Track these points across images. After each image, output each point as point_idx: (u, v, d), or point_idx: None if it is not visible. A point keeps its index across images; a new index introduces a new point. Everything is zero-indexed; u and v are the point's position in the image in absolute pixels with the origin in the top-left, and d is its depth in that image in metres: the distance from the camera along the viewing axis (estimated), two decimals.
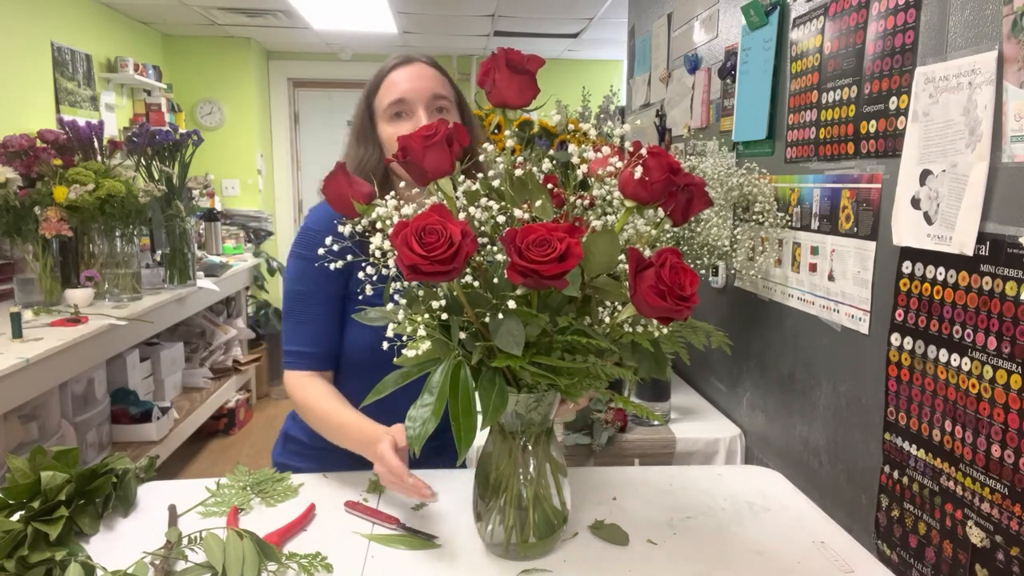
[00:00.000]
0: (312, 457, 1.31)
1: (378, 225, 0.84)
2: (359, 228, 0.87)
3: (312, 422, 1.23)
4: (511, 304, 0.77)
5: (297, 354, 1.25)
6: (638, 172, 0.80)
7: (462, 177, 0.87)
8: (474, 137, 1.25)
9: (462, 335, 0.82)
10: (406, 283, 0.86)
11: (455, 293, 0.82)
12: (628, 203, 0.83)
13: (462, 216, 0.82)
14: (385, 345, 0.85)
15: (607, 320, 0.84)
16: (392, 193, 0.88)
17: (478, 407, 0.80)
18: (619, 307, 0.84)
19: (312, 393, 1.22)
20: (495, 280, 0.81)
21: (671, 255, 0.77)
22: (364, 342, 1.24)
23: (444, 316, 0.82)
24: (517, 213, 0.81)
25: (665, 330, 0.83)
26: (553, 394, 0.92)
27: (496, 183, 0.88)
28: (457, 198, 0.87)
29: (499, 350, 0.78)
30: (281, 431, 1.41)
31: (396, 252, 0.75)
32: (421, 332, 0.81)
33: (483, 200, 0.84)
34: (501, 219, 0.85)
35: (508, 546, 0.96)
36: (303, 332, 1.25)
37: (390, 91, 1.24)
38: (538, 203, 0.83)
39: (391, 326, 0.84)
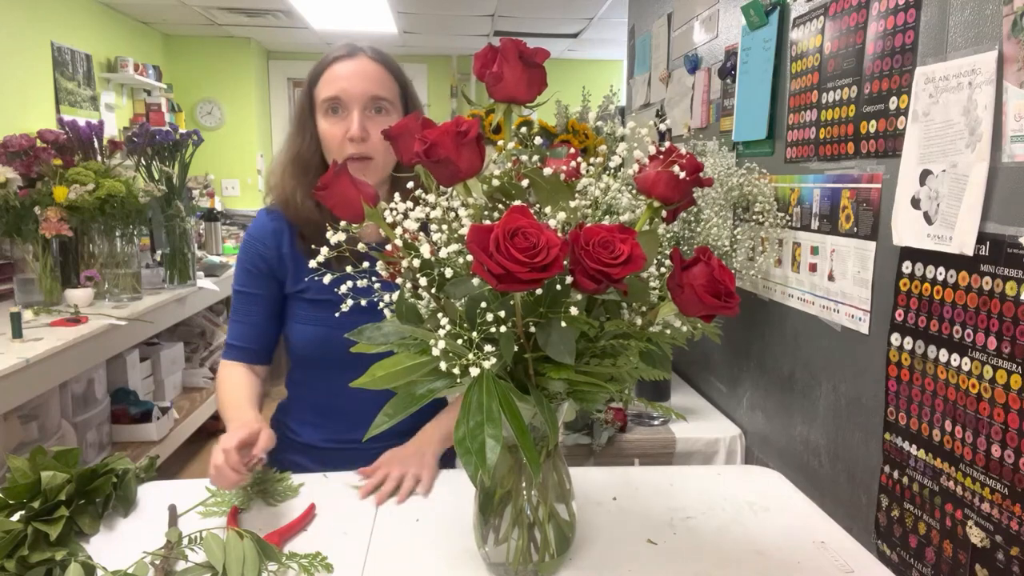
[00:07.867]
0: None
1: (397, 232, 0.78)
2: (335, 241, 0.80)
3: (217, 402, 1.33)
4: (573, 311, 0.72)
5: (231, 347, 1.37)
6: (678, 172, 0.79)
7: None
8: None
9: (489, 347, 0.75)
10: (407, 296, 0.80)
11: (512, 303, 0.75)
12: (655, 203, 0.82)
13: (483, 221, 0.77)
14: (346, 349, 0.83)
15: (638, 321, 0.81)
16: (412, 195, 0.81)
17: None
18: (641, 308, 0.82)
19: (224, 376, 1.33)
20: (557, 286, 0.75)
21: (708, 254, 0.77)
22: (308, 336, 1.33)
23: (493, 329, 0.74)
24: (560, 216, 0.77)
25: (695, 327, 0.82)
26: (567, 403, 0.88)
27: (525, 183, 0.83)
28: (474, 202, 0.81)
29: (550, 360, 0.73)
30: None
31: (474, 258, 0.68)
32: (488, 348, 0.72)
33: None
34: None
35: (518, 569, 0.92)
36: (239, 329, 1.36)
37: (329, 85, 1.21)
38: (572, 204, 0.80)
39: (439, 345, 0.72)
